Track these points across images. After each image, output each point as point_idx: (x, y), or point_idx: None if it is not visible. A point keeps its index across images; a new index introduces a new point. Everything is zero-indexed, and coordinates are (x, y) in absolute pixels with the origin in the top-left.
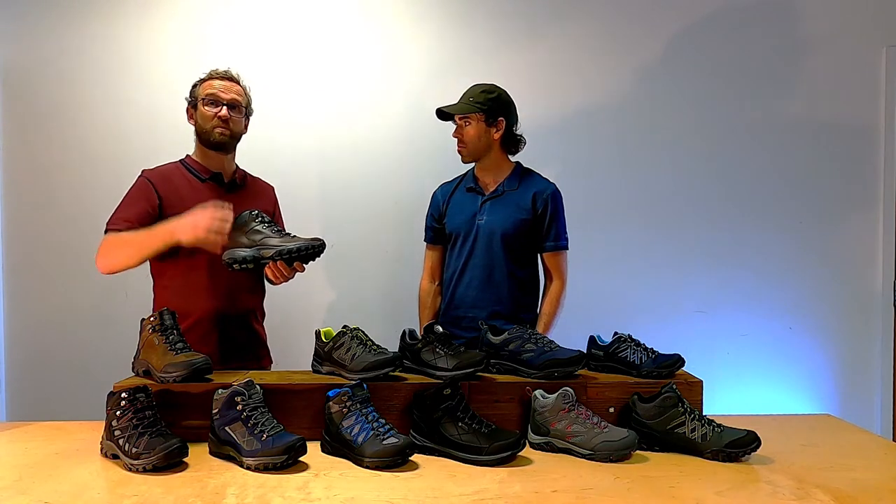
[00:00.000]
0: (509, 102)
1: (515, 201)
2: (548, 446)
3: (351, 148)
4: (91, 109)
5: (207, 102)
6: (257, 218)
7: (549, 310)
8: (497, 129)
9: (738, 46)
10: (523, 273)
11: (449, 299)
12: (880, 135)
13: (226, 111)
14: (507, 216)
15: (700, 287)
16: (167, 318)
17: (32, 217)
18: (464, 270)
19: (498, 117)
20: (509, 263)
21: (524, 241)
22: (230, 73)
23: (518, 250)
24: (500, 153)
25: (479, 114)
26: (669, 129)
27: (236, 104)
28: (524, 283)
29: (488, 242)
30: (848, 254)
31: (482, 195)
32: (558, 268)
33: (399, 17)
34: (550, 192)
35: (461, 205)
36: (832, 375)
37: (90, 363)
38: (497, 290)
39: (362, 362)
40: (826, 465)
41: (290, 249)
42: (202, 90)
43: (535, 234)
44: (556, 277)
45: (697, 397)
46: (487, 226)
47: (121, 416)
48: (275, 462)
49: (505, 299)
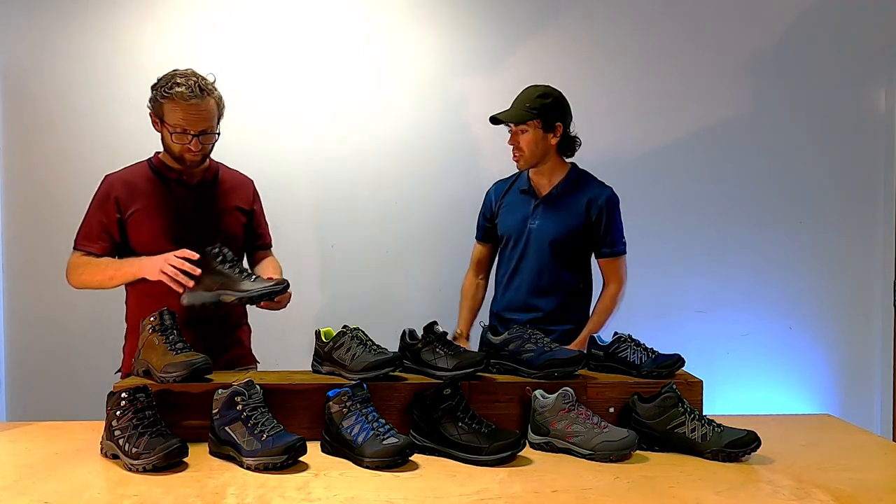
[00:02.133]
0: (565, 105)
1: (569, 206)
2: (548, 446)
3: (351, 148)
4: (91, 110)
5: (175, 130)
6: (218, 257)
7: (601, 307)
8: (555, 136)
9: (738, 46)
10: (574, 278)
11: (500, 300)
12: (881, 135)
13: (196, 142)
14: (560, 222)
15: (700, 287)
16: (167, 318)
17: (32, 217)
18: (514, 273)
19: (555, 122)
20: (560, 269)
21: (576, 246)
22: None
23: (569, 256)
24: (556, 157)
25: (535, 120)
26: (669, 129)
27: (207, 130)
28: (574, 288)
29: (539, 247)
30: (848, 254)
31: (535, 198)
32: (616, 273)
33: (401, 16)
34: (606, 198)
35: (514, 206)
36: (832, 375)
37: (90, 363)
38: (545, 294)
39: (362, 362)
40: (826, 465)
41: (252, 297)
42: (167, 113)
43: (588, 239)
44: (612, 281)
45: (697, 397)
46: (539, 230)
47: (121, 416)
48: (275, 462)
49: (553, 304)
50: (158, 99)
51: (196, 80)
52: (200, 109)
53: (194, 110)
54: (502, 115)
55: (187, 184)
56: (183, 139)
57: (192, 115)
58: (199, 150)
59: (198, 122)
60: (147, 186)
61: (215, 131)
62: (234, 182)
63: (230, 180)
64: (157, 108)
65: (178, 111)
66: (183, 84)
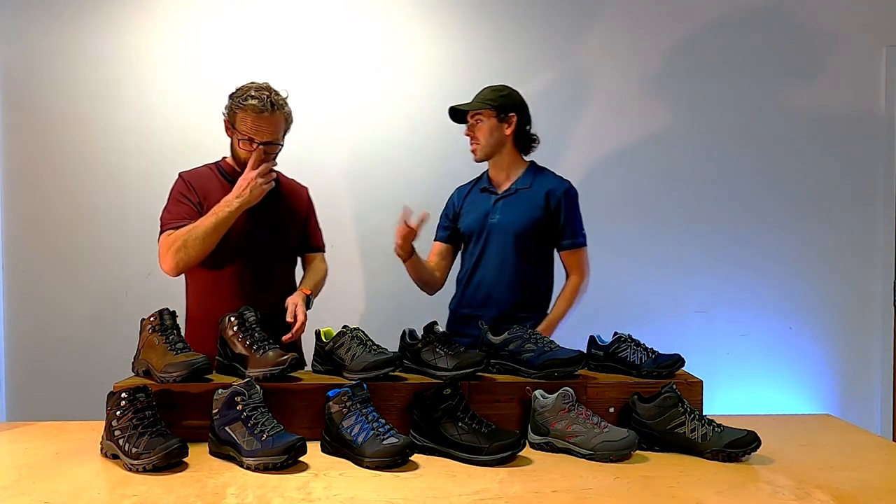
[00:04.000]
0: (521, 101)
1: (528, 200)
2: (548, 446)
3: (354, 148)
4: (91, 111)
5: (243, 138)
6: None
7: (561, 298)
8: (508, 125)
9: (739, 47)
10: (535, 273)
11: (459, 298)
12: (881, 135)
13: (260, 150)
14: (520, 215)
15: (700, 287)
16: (167, 318)
17: (33, 217)
18: (475, 270)
19: (509, 113)
20: (521, 263)
21: (537, 239)
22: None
23: (530, 249)
24: (513, 152)
25: (489, 110)
26: (669, 130)
27: (273, 142)
28: (535, 283)
29: (501, 242)
30: (848, 254)
31: (495, 194)
32: (577, 265)
33: (403, 18)
34: (564, 190)
35: (475, 204)
36: (832, 375)
37: (90, 363)
38: (506, 290)
39: (362, 362)
40: (826, 465)
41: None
42: (239, 122)
43: (549, 232)
44: (574, 273)
45: (697, 397)
46: (500, 225)
47: (121, 416)
48: (275, 462)
49: (514, 299)
50: (233, 108)
51: (269, 95)
52: (269, 122)
53: (264, 122)
54: (459, 105)
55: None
56: (248, 147)
57: (260, 126)
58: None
59: (265, 133)
60: (216, 184)
61: (280, 142)
62: (292, 187)
63: (288, 185)
64: (231, 116)
65: (248, 121)
66: (257, 97)
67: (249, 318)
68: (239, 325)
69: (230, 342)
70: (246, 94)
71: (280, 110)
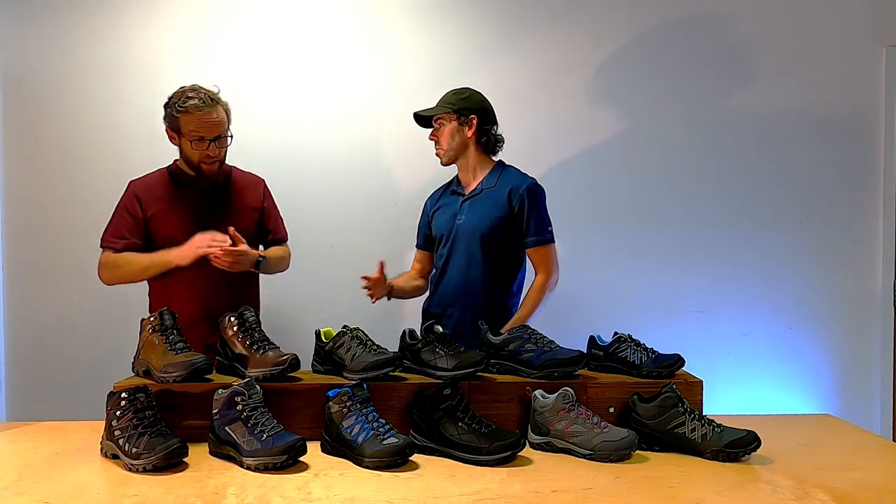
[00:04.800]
0: (481, 102)
1: (492, 199)
2: (548, 446)
3: (351, 149)
4: (91, 110)
5: (193, 139)
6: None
7: (528, 297)
8: (469, 127)
9: (739, 46)
10: (502, 273)
11: (429, 298)
12: (880, 134)
13: (213, 147)
14: (484, 215)
15: (700, 287)
16: (167, 318)
17: (32, 217)
18: (444, 270)
19: (469, 115)
20: (487, 262)
21: (502, 238)
22: (209, 98)
23: (497, 248)
24: (478, 153)
25: (450, 114)
26: (669, 129)
27: (221, 135)
28: (503, 283)
29: (467, 242)
30: (848, 254)
31: (463, 195)
32: (543, 261)
33: (398, 18)
34: (526, 187)
35: (445, 207)
36: (832, 375)
37: (90, 363)
38: (473, 289)
39: (362, 362)
40: (826, 465)
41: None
42: (184, 125)
43: (514, 230)
44: (540, 271)
45: (697, 397)
46: (466, 225)
47: (121, 416)
48: (275, 462)
49: (481, 298)
50: (174, 114)
51: (205, 92)
52: (213, 117)
53: (207, 118)
54: (421, 111)
55: (201, 187)
56: (201, 146)
57: (206, 123)
58: (216, 155)
59: (212, 129)
60: (165, 190)
61: (227, 135)
62: (246, 182)
63: (241, 181)
64: (174, 123)
65: (193, 121)
66: (194, 97)
67: (249, 318)
68: (239, 325)
69: (230, 342)
70: (182, 97)
71: (218, 103)
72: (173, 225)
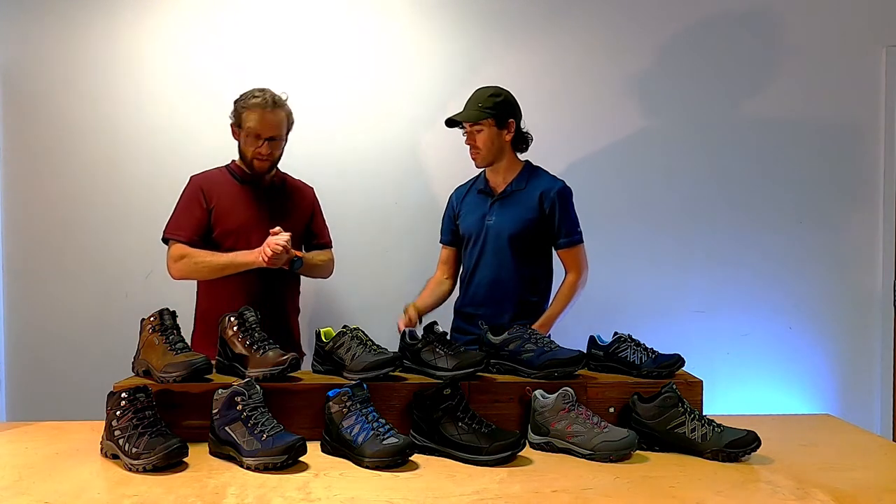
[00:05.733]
0: (515, 103)
1: (523, 201)
2: (548, 446)
3: (352, 149)
4: (91, 110)
5: (249, 135)
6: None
7: (560, 295)
8: (508, 132)
9: (739, 47)
10: (532, 272)
11: (462, 297)
12: (880, 135)
13: (266, 146)
14: (515, 217)
15: (700, 287)
16: (167, 318)
17: (33, 217)
18: (475, 270)
19: (508, 119)
20: (518, 263)
21: (533, 240)
22: (273, 100)
23: (527, 250)
24: (510, 154)
25: (489, 119)
26: (669, 130)
27: (276, 137)
28: (533, 282)
29: (497, 243)
30: (848, 254)
31: (491, 196)
32: (574, 261)
33: (403, 20)
34: (557, 190)
35: (473, 206)
36: (832, 375)
37: (90, 363)
38: (505, 289)
39: (362, 362)
40: (826, 465)
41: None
42: (245, 120)
43: (544, 232)
44: (571, 270)
45: (697, 397)
46: (496, 227)
47: (121, 416)
48: (275, 462)
49: (513, 299)
50: (238, 109)
51: (272, 94)
52: (272, 118)
53: (267, 118)
54: (458, 116)
55: (258, 186)
56: (255, 143)
57: (265, 121)
58: (267, 153)
59: (269, 129)
60: (226, 186)
61: (283, 139)
62: (299, 187)
63: (295, 185)
64: (237, 118)
65: (253, 118)
66: (260, 96)
67: (249, 318)
68: (239, 325)
69: (230, 342)
70: (250, 94)
71: (281, 108)
72: (234, 218)
